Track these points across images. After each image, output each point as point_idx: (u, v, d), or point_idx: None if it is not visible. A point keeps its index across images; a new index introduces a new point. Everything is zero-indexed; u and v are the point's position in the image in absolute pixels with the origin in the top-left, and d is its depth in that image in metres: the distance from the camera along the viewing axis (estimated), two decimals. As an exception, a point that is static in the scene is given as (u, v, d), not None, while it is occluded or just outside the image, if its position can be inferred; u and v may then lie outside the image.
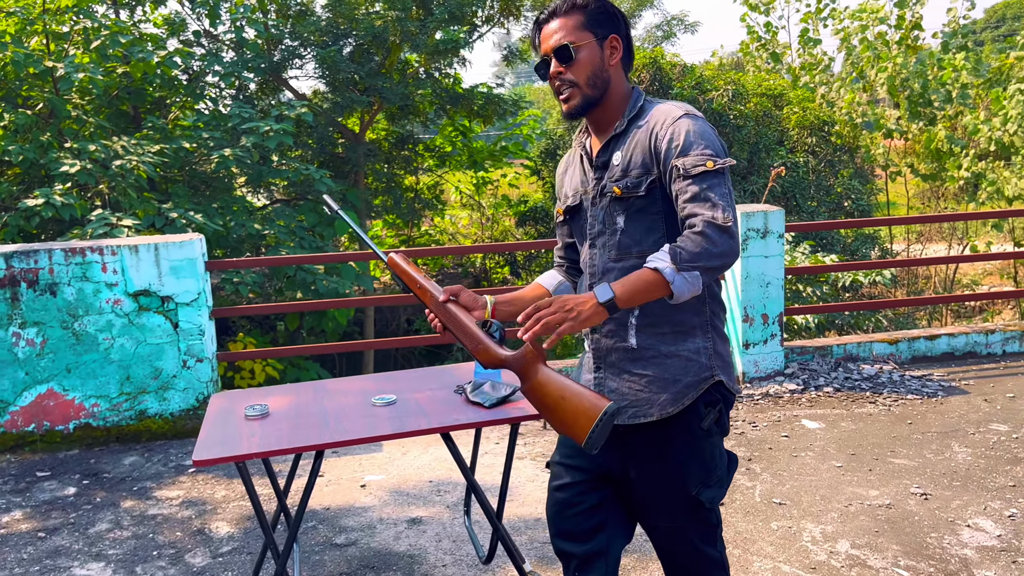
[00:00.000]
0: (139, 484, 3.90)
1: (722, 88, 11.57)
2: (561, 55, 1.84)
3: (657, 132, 1.78)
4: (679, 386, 1.81)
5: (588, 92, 1.84)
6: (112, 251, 4.29)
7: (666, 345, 1.82)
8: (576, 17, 1.85)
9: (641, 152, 1.80)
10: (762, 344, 4.92)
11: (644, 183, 1.79)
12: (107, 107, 9.13)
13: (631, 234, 1.83)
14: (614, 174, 1.85)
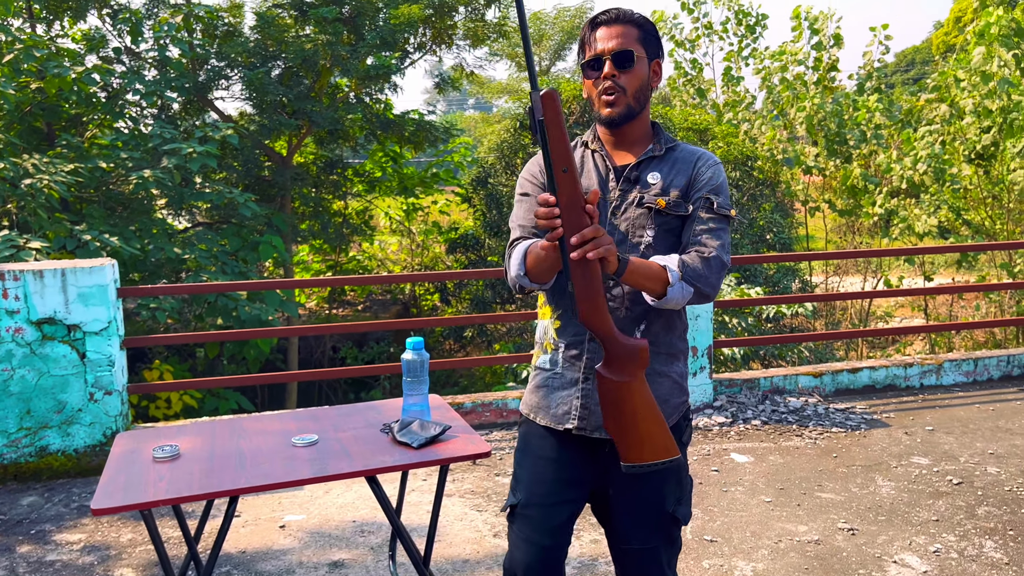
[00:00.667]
0: (37, 527, 3.62)
1: (651, 121, 11.78)
2: (620, 59, 1.87)
3: (700, 166, 1.94)
4: (667, 406, 1.93)
5: (632, 103, 1.89)
6: (15, 276, 4.02)
7: (660, 365, 1.93)
8: (636, 30, 1.91)
9: (684, 178, 1.92)
10: (691, 377, 4.94)
11: (686, 207, 1.90)
12: (19, 123, 8.72)
13: (656, 248, 1.89)
14: (651, 190, 1.91)
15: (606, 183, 1.95)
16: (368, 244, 15.78)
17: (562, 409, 1.96)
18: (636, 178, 1.93)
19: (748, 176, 12.17)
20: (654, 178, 1.92)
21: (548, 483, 1.95)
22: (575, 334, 1.95)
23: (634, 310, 1.91)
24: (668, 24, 14.29)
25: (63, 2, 10.56)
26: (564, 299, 1.97)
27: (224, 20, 11.91)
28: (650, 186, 1.92)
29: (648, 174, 1.93)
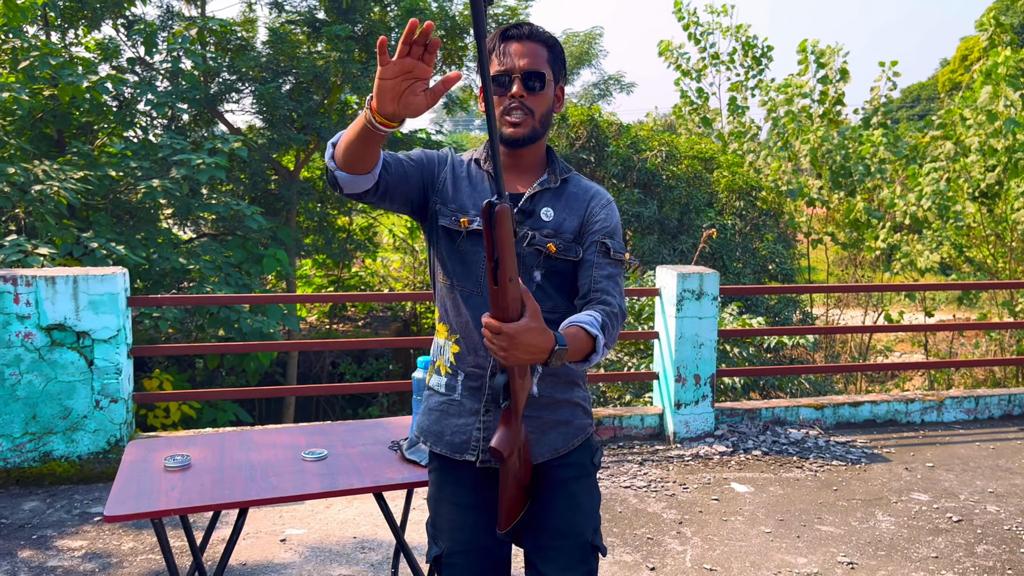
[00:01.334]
0: (39, 532, 3.63)
1: (656, 148, 11.88)
2: (531, 80, 1.79)
3: (593, 206, 1.85)
4: (570, 427, 1.88)
5: (537, 127, 1.81)
6: (27, 281, 4.05)
7: (560, 393, 1.87)
8: (546, 51, 1.82)
9: (576, 219, 1.84)
10: (693, 405, 4.95)
11: (577, 251, 1.82)
12: (30, 129, 8.78)
13: (546, 290, 1.82)
14: (543, 230, 1.81)
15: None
16: (371, 260, 15.82)
17: (459, 438, 1.84)
18: (530, 211, 1.82)
19: (752, 206, 12.25)
20: (547, 214, 1.83)
21: (468, 530, 1.84)
22: (476, 365, 1.83)
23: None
24: (674, 53, 14.43)
25: (79, 11, 10.67)
26: (462, 323, 1.83)
27: (237, 34, 12.03)
28: (543, 224, 1.82)
29: (542, 208, 1.83)
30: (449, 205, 1.84)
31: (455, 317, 1.85)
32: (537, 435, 1.85)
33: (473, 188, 1.85)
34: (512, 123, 1.78)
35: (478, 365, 1.83)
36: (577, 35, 19.61)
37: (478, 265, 1.81)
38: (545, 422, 1.85)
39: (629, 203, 11.28)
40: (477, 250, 1.81)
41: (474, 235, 1.81)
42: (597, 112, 12.13)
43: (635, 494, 4.20)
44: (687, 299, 4.86)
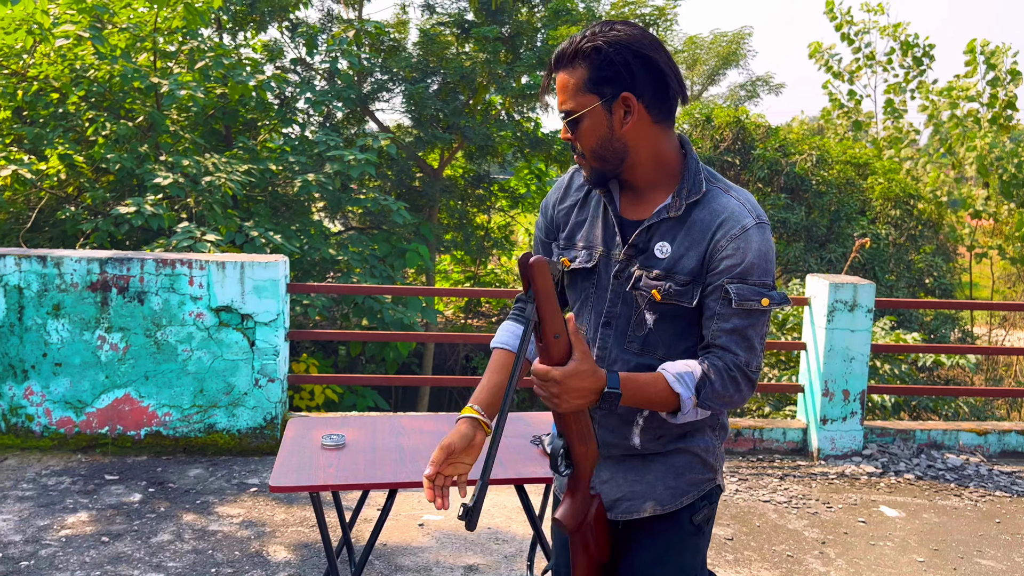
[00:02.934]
0: (202, 498, 3.92)
1: (806, 152, 11.41)
2: (568, 122, 1.56)
3: (720, 239, 1.53)
4: (680, 481, 1.63)
5: (595, 165, 1.56)
6: (200, 265, 4.38)
7: (672, 443, 1.63)
8: (580, 72, 1.52)
9: (696, 257, 1.54)
10: (840, 421, 4.73)
11: (693, 295, 1.54)
12: (202, 125, 9.47)
13: (661, 334, 1.58)
14: (654, 270, 1.56)
15: (611, 237, 1.62)
16: (507, 258, 16.06)
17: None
18: (643, 247, 1.58)
19: (909, 215, 11.54)
20: (662, 251, 1.56)
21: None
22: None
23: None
24: (825, 55, 13.80)
25: (248, 15, 11.42)
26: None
27: (390, 36, 12.51)
28: (655, 263, 1.56)
29: (657, 243, 1.56)
30: (559, 241, 1.70)
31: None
32: (637, 487, 1.64)
33: (584, 213, 1.67)
34: (579, 166, 1.62)
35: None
36: (725, 35, 19.10)
37: (585, 306, 1.65)
38: (650, 470, 1.64)
39: (775, 208, 10.90)
40: (585, 286, 1.65)
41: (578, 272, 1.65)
42: (744, 113, 11.78)
43: (775, 509, 4.06)
44: (839, 310, 4.65)
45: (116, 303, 4.35)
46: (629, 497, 1.63)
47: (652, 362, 1.57)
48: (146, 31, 8.10)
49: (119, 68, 7.44)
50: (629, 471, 1.64)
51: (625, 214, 1.61)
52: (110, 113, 8.06)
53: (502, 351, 1.73)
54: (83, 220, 7.48)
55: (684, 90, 1.58)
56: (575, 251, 1.65)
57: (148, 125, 8.21)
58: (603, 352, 1.61)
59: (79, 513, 3.69)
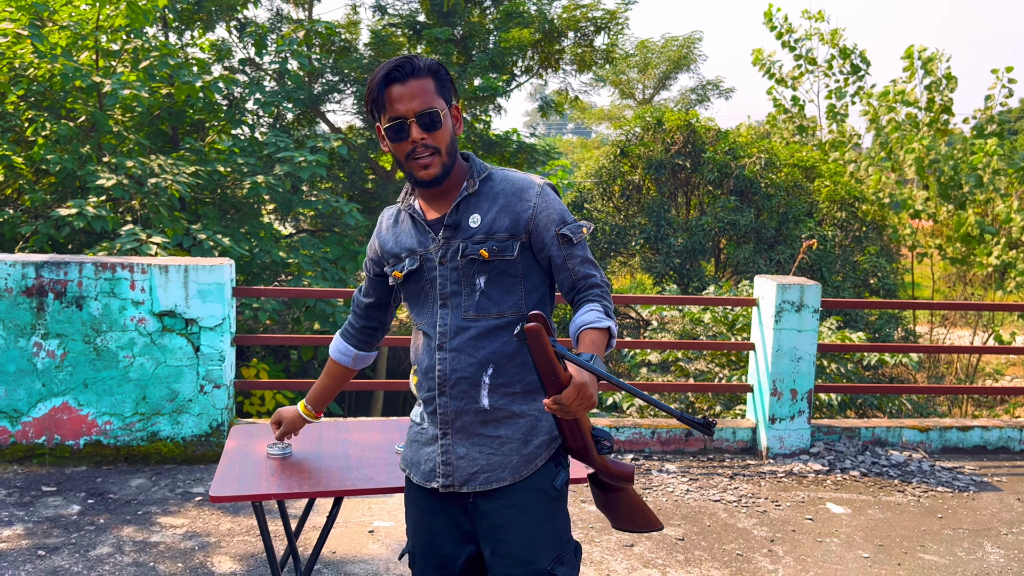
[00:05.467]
0: (144, 508, 3.81)
1: (755, 156, 11.60)
2: (426, 121, 1.76)
3: (528, 202, 1.81)
4: (531, 446, 1.82)
5: (446, 160, 1.79)
6: (142, 269, 4.26)
7: (517, 405, 1.82)
8: (431, 81, 1.78)
9: (508, 216, 1.81)
10: (788, 420, 4.80)
11: (514, 247, 1.80)
12: (147, 125, 9.24)
13: (491, 295, 1.81)
14: (474, 236, 1.81)
15: (425, 236, 1.85)
16: (461, 261, 16.03)
17: (428, 466, 1.87)
18: (456, 223, 1.82)
19: (854, 217, 11.81)
20: (474, 220, 1.82)
21: (425, 534, 1.88)
22: (428, 389, 1.86)
23: (477, 354, 1.81)
24: (767, 62, 14.05)
25: (195, 14, 11.19)
26: (417, 355, 1.92)
27: (341, 36, 12.38)
28: (472, 231, 1.81)
29: (468, 217, 1.82)
30: (388, 261, 1.93)
31: (414, 353, 1.93)
32: (491, 456, 1.81)
33: (398, 231, 1.92)
34: (422, 166, 1.78)
35: (429, 388, 1.86)
36: (676, 39, 19.34)
37: (424, 302, 1.87)
38: (503, 441, 1.81)
39: (725, 211, 11.05)
40: (420, 286, 1.87)
41: (410, 277, 1.88)
42: (695, 117, 11.93)
43: (725, 508, 4.10)
44: (786, 311, 4.72)
45: (53, 308, 4.21)
46: (486, 469, 1.80)
47: (488, 323, 1.80)
48: (88, 29, 7.88)
49: (60, 67, 7.22)
50: (484, 445, 1.81)
51: (429, 217, 1.87)
52: (51, 113, 7.82)
53: (335, 363, 2.18)
54: (22, 223, 7.24)
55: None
56: (400, 263, 1.89)
57: (90, 125, 7.99)
58: (444, 328, 1.82)
59: (14, 526, 3.56)
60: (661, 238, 11.28)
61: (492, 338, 1.80)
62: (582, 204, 12.62)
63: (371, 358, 2.17)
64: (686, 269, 11.19)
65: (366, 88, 1.82)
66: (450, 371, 1.81)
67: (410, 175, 1.81)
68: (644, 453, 4.85)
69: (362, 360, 2.16)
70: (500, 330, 1.80)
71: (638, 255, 12.25)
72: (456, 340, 1.81)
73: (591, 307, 1.77)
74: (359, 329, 2.12)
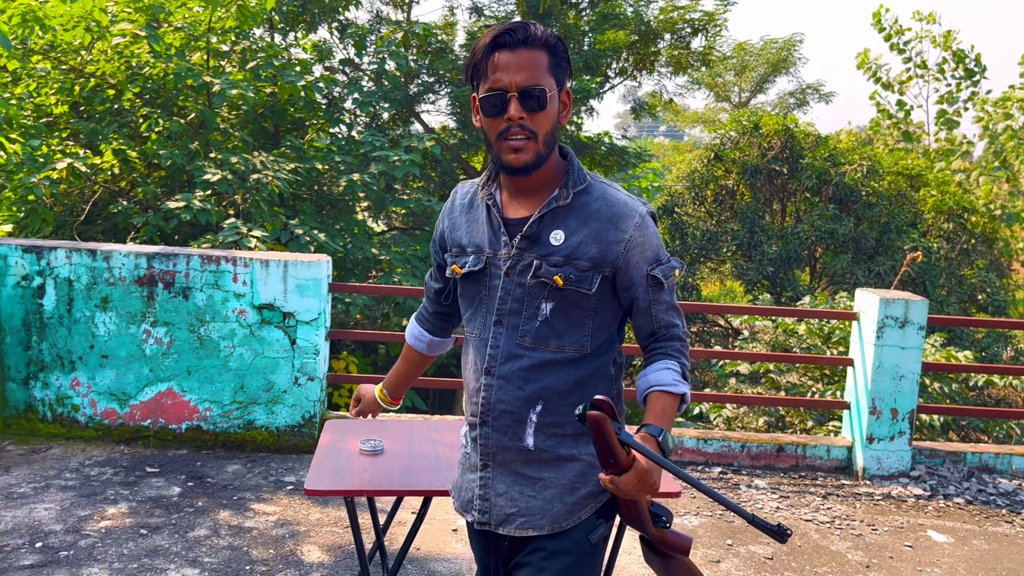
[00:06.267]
0: (239, 494, 3.95)
1: (856, 163, 11.18)
2: (530, 98, 1.52)
3: (624, 233, 1.58)
4: (576, 495, 1.62)
5: (542, 149, 1.55)
6: (244, 263, 4.42)
7: (566, 447, 1.62)
8: (544, 55, 1.54)
9: (597, 245, 1.58)
10: (888, 440, 4.60)
11: (595, 280, 1.58)
12: (251, 123, 9.59)
13: (554, 324, 1.60)
14: (552, 257, 1.58)
15: (498, 237, 1.63)
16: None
17: (467, 495, 1.71)
18: (536, 236, 1.59)
19: (962, 229, 11.24)
20: (557, 237, 1.58)
21: (481, 566, 1.76)
22: (472, 414, 1.67)
23: (527, 388, 1.60)
24: (873, 66, 13.51)
25: (300, 15, 11.56)
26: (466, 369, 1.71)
27: (438, 37, 12.56)
28: (552, 249, 1.58)
29: (551, 232, 1.59)
30: (452, 250, 1.73)
31: (463, 363, 1.73)
32: (531, 500, 1.63)
33: (470, 220, 1.70)
34: (513, 149, 1.54)
35: (473, 413, 1.67)
36: (775, 41, 18.83)
37: (478, 310, 1.67)
38: (546, 484, 1.62)
39: (823, 219, 10.69)
40: (478, 289, 1.66)
41: (469, 277, 1.67)
42: (793, 122, 11.59)
43: (817, 529, 3.95)
44: (889, 326, 4.52)
45: (162, 298, 4.41)
46: (524, 513, 1.63)
47: (544, 355, 1.60)
48: (200, 30, 8.23)
49: (173, 66, 7.57)
50: (525, 486, 1.63)
51: (508, 215, 1.64)
52: (163, 110, 8.21)
53: (411, 348, 2.03)
54: (134, 214, 7.62)
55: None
56: (464, 257, 1.68)
57: (199, 122, 8.35)
58: (495, 350, 1.62)
59: (119, 505, 3.74)
60: (754, 245, 11.00)
61: (546, 372, 1.60)
62: (673, 208, 12.43)
63: (448, 344, 1.99)
64: (779, 278, 10.88)
65: (471, 50, 1.58)
66: (495, 401, 1.62)
67: (496, 157, 1.58)
68: (732, 467, 4.73)
69: (438, 347, 1.99)
70: (556, 365, 1.60)
71: (729, 262, 11.98)
72: (506, 367, 1.61)
73: (668, 365, 1.60)
74: (432, 314, 1.95)
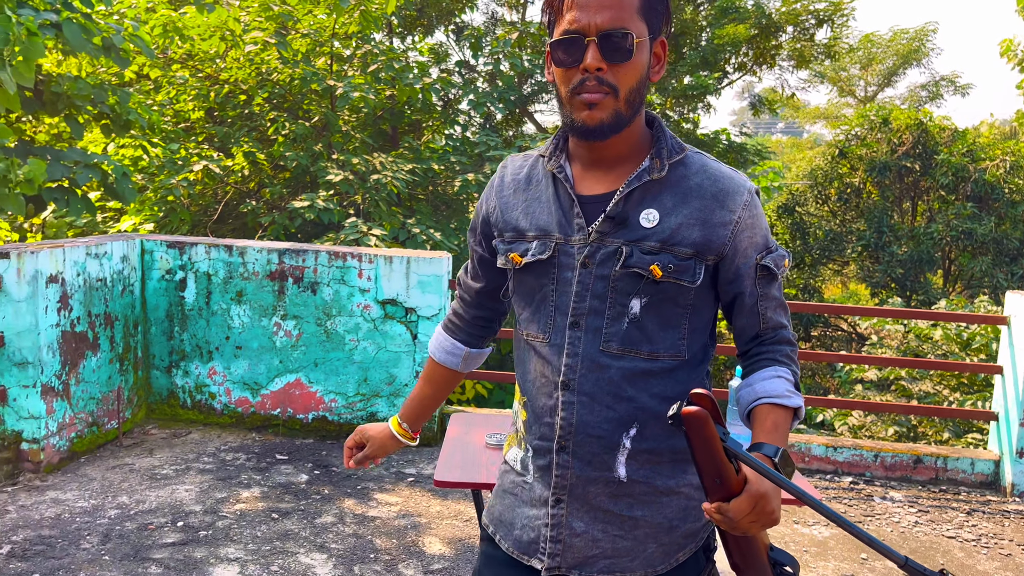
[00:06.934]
0: (362, 484, 4.05)
1: (998, 158, 10.45)
2: (613, 45, 1.23)
3: (731, 209, 1.30)
4: (675, 535, 1.35)
5: (623, 109, 1.26)
6: (369, 259, 4.54)
7: (663, 479, 1.33)
8: None
9: (700, 227, 1.29)
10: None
11: (697, 271, 1.30)
12: (371, 125, 9.88)
13: (645, 326, 1.30)
14: (645, 243, 1.29)
15: (570, 220, 1.33)
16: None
17: (528, 535, 1.37)
18: (623, 218, 1.30)
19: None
20: (649, 219, 1.29)
21: None
22: (541, 437, 1.35)
23: (619, 407, 1.31)
24: (1018, 54, 12.56)
25: (418, 19, 11.82)
26: (527, 381, 1.38)
27: (552, 38, 12.57)
28: (644, 233, 1.29)
29: (642, 211, 1.30)
30: (505, 235, 1.41)
31: (522, 373, 1.41)
32: (619, 540, 1.34)
33: (530, 197, 1.39)
34: (587, 104, 1.25)
35: (543, 436, 1.35)
36: (906, 32, 17.87)
37: (543, 308, 1.35)
38: (637, 523, 1.34)
39: (959, 218, 10.06)
40: (542, 283, 1.35)
41: (531, 267, 1.35)
42: (927, 116, 10.95)
43: (961, 547, 3.70)
44: (1043, 331, 4.18)
45: (292, 292, 4.58)
46: (610, 555, 1.34)
47: (637, 364, 1.30)
48: (325, 36, 8.54)
49: (299, 72, 7.88)
50: (610, 524, 1.33)
51: (581, 191, 1.33)
52: (289, 113, 8.56)
53: (439, 365, 1.66)
54: (262, 213, 7.98)
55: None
56: (525, 243, 1.36)
57: (323, 125, 8.66)
58: (573, 360, 1.32)
59: (252, 489, 3.91)
60: (882, 246, 10.47)
61: (640, 386, 1.31)
62: (794, 207, 11.99)
63: (484, 356, 1.66)
64: (909, 281, 10.31)
65: None
66: (578, 423, 1.31)
67: (567, 118, 1.29)
68: (865, 477, 4.49)
69: (475, 359, 1.65)
70: (651, 377, 1.31)
71: (854, 263, 11.45)
72: (591, 381, 1.31)
73: (779, 373, 1.32)
74: (470, 321, 1.61)
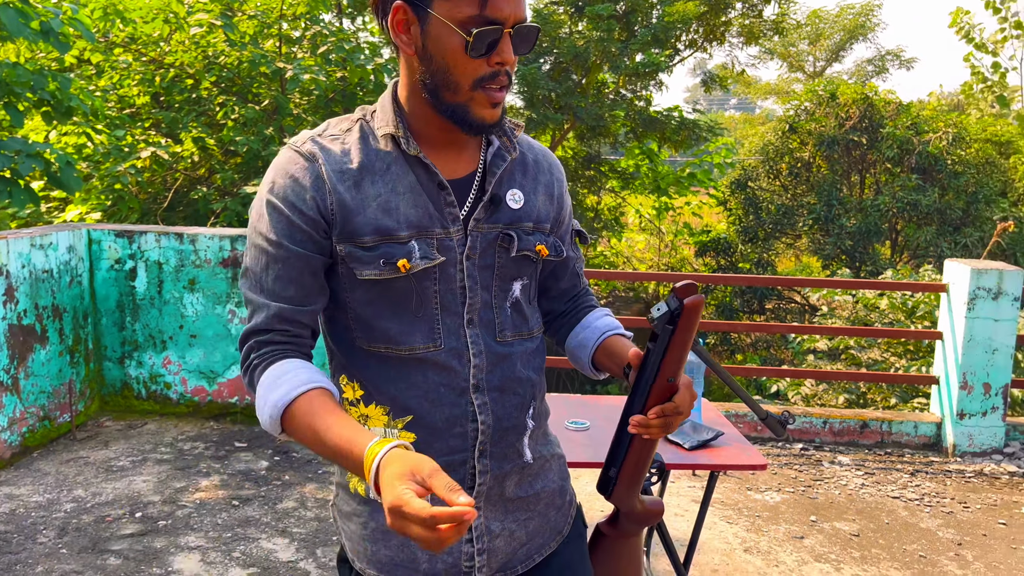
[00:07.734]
0: (323, 469, 4.06)
1: (941, 130, 10.73)
2: (522, 39, 1.15)
3: (560, 180, 1.33)
4: (565, 494, 1.36)
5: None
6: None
7: (549, 446, 1.34)
8: None
9: (550, 200, 1.29)
10: (980, 416, 4.43)
11: (558, 243, 1.30)
12: (323, 108, 9.77)
13: (521, 308, 1.26)
14: (522, 224, 1.23)
15: (441, 209, 1.17)
16: (616, 240, 15.91)
17: (442, 563, 1.22)
18: (498, 201, 1.21)
19: (1056, 197, 10.70)
20: (515, 199, 1.23)
21: None
22: (451, 452, 1.20)
23: (523, 391, 1.25)
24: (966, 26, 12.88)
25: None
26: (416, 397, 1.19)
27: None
28: (516, 214, 1.22)
29: (507, 191, 1.23)
30: (364, 240, 1.15)
31: (397, 391, 1.19)
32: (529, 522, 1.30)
33: (385, 190, 1.16)
34: (493, 103, 1.14)
35: (454, 450, 1.20)
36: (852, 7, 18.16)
37: (424, 308, 1.18)
38: (539, 497, 1.31)
39: (905, 190, 10.32)
40: (424, 286, 1.17)
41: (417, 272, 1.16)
42: (873, 90, 11.18)
43: (905, 506, 3.85)
44: (981, 298, 4.34)
45: (245, 279, 4.55)
46: (526, 541, 1.29)
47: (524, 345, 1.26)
48: (272, 17, 8.40)
49: (248, 54, 7.75)
50: (520, 509, 1.28)
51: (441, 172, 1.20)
52: (238, 97, 8.42)
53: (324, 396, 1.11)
54: (214, 200, 7.87)
55: None
56: (399, 245, 1.15)
57: (273, 108, 8.54)
58: (479, 359, 1.20)
59: (211, 477, 3.90)
60: (832, 219, 10.70)
61: (530, 365, 1.27)
62: (746, 183, 12.17)
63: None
64: (858, 252, 10.56)
65: None
66: (494, 421, 1.21)
67: (460, 108, 1.13)
68: (814, 443, 4.63)
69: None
70: (536, 355, 1.29)
71: (805, 236, 11.68)
72: (496, 375, 1.22)
73: (606, 311, 1.39)
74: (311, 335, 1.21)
